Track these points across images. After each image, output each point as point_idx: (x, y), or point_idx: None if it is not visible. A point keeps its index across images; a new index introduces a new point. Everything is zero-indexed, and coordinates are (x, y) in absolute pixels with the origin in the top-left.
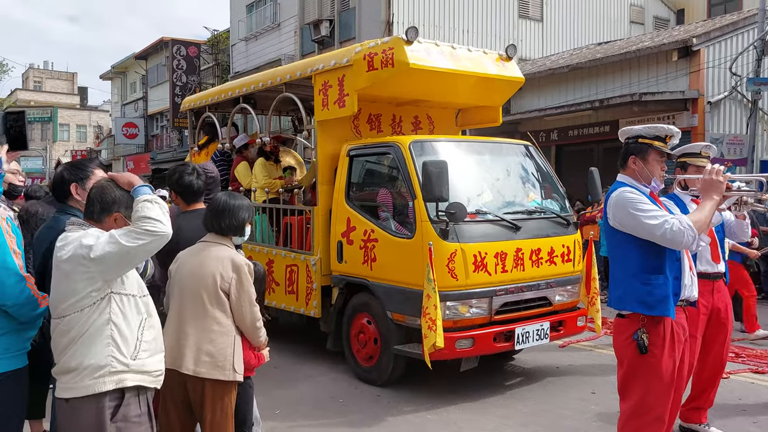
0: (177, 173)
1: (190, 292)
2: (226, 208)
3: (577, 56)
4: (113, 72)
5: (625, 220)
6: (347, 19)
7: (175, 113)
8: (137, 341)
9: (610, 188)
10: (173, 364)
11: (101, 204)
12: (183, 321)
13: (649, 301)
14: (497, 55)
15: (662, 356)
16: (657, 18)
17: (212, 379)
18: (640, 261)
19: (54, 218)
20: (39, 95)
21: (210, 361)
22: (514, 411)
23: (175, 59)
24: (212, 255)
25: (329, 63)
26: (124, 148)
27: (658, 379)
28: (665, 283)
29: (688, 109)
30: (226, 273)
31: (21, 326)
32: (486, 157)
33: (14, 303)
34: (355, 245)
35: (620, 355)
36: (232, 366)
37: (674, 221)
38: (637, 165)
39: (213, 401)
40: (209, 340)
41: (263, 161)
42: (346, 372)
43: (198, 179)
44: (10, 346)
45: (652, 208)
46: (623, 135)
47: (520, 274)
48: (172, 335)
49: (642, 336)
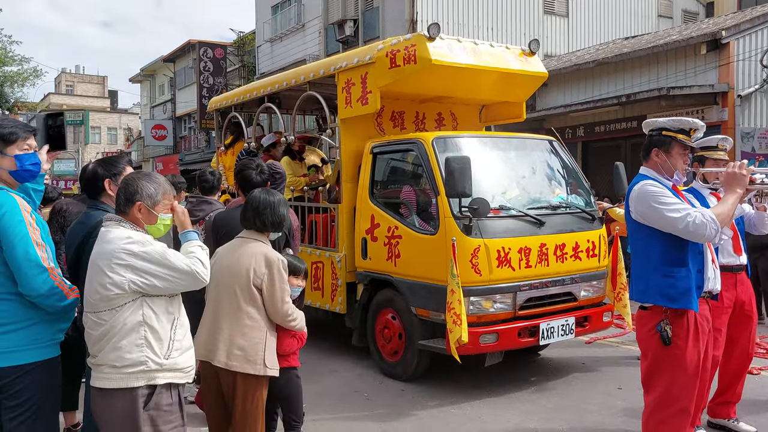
0: (240, 166)
1: (225, 287)
2: (268, 205)
3: (603, 51)
4: (142, 75)
5: (647, 213)
6: (371, 19)
7: (202, 114)
8: (170, 341)
9: (632, 181)
10: (207, 356)
11: (125, 195)
12: (218, 315)
13: (672, 294)
14: (520, 50)
15: (686, 347)
16: (686, 11)
17: (243, 373)
18: (662, 254)
19: (85, 214)
20: (71, 99)
21: (242, 355)
22: (538, 406)
23: (202, 61)
24: (247, 251)
25: (352, 61)
26: (153, 149)
27: (682, 370)
28: (688, 275)
29: (718, 103)
30: (259, 268)
31: (50, 317)
32: (509, 152)
33: (37, 294)
34: (379, 242)
35: (644, 347)
36: (263, 361)
37: (697, 214)
38: (660, 158)
39: (244, 395)
40: (241, 334)
41: (288, 160)
42: (371, 367)
43: (259, 175)
44: (40, 336)
45: (675, 201)
46: (647, 127)
47: (545, 270)
48: (207, 328)
49: (665, 327)
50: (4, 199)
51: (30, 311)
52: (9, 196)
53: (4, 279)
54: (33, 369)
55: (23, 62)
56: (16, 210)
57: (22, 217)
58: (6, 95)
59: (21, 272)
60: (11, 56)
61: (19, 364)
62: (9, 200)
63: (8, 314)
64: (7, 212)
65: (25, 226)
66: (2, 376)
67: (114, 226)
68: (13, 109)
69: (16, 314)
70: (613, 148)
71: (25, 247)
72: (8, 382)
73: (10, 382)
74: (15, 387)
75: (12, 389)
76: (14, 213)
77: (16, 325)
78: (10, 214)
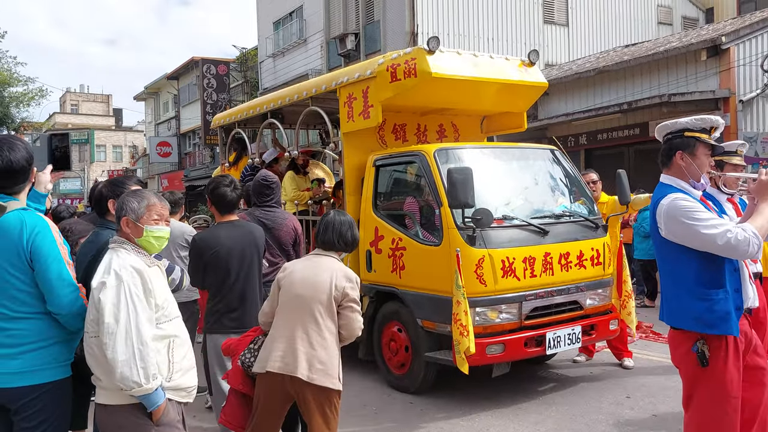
0: (213, 183)
1: (304, 300)
2: (352, 224)
3: (604, 59)
4: (146, 93)
5: (679, 231)
6: (372, 32)
7: (206, 131)
8: (170, 363)
9: (655, 193)
10: (285, 369)
11: (116, 213)
12: (296, 327)
13: (709, 319)
14: (519, 61)
15: (726, 368)
16: (685, 18)
17: (322, 387)
18: (696, 274)
19: (94, 233)
20: (76, 118)
21: (322, 369)
22: (547, 417)
23: (206, 78)
24: (325, 266)
25: (353, 76)
26: (158, 166)
27: (723, 392)
28: (726, 297)
29: (720, 109)
30: (340, 283)
31: (69, 337)
32: (511, 162)
33: (68, 312)
34: (383, 254)
35: (680, 369)
36: (338, 375)
37: (737, 230)
38: (685, 161)
39: (323, 408)
40: (323, 348)
41: (292, 174)
42: (378, 380)
43: (234, 191)
44: (57, 356)
45: (710, 216)
46: (662, 130)
47: (550, 279)
48: (285, 340)
49: (702, 348)
50: (35, 221)
51: (52, 330)
52: (39, 217)
53: (31, 299)
54: (50, 389)
55: (28, 83)
56: (48, 230)
57: (53, 237)
58: (12, 116)
59: (54, 291)
60: (16, 77)
61: (38, 383)
62: (40, 221)
63: (31, 333)
64: (40, 233)
65: (57, 246)
66: (21, 395)
67: (113, 251)
68: (19, 129)
69: (39, 334)
70: (616, 155)
71: (59, 267)
72: (26, 403)
73: (28, 402)
74: (33, 407)
75: (29, 410)
76: (47, 233)
77: (38, 344)
78: (42, 235)
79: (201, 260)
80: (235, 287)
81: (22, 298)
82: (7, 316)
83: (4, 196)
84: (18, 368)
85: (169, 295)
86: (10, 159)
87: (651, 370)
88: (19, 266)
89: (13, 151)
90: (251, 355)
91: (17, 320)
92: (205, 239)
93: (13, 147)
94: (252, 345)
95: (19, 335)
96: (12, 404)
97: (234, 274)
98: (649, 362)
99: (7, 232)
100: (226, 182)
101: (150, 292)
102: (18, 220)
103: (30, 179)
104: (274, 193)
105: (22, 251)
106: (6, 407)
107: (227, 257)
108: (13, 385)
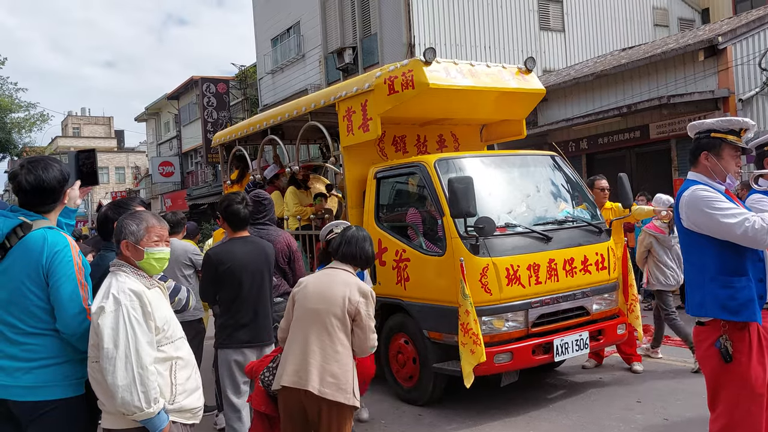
0: (226, 201)
1: (317, 313)
2: (371, 240)
3: (601, 63)
4: (147, 113)
5: (700, 220)
6: (370, 45)
7: (208, 149)
8: (172, 386)
9: (681, 187)
10: (298, 382)
11: (116, 237)
12: (309, 341)
13: (732, 306)
14: (516, 68)
15: (750, 363)
16: (682, 19)
17: (334, 401)
18: (719, 263)
19: (100, 255)
20: (78, 141)
21: (334, 383)
22: (558, 425)
23: (206, 97)
24: (340, 279)
25: (351, 89)
26: (161, 186)
27: (747, 389)
28: (748, 285)
29: (720, 108)
30: (354, 297)
31: (81, 356)
32: (512, 169)
33: (72, 333)
34: (387, 266)
35: (704, 366)
36: (353, 390)
37: (756, 219)
38: (710, 161)
39: (332, 424)
40: (335, 361)
41: (294, 189)
42: (387, 393)
43: (245, 208)
44: (70, 374)
45: (730, 206)
46: (693, 129)
47: (555, 285)
48: (298, 354)
49: (725, 343)
50: (57, 239)
51: (65, 348)
52: (62, 236)
53: (47, 315)
54: (62, 405)
55: (30, 108)
56: (68, 249)
57: (71, 257)
58: (14, 141)
59: (63, 311)
60: (18, 103)
61: (50, 399)
62: (62, 240)
63: (45, 349)
64: (60, 251)
65: (73, 266)
66: (33, 410)
67: (113, 275)
68: (21, 155)
69: (52, 350)
70: (618, 158)
71: (72, 288)
72: (37, 417)
73: (39, 417)
74: (43, 423)
75: (41, 425)
76: (66, 253)
77: (51, 360)
78: (62, 254)
79: (215, 275)
80: (248, 302)
81: (39, 314)
82: (24, 331)
83: (33, 214)
84: (31, 382)
85: (171, 316)
86: (41, 178)
87: (661, 374)
88: (37, 282)
89: (47, 171)
90: (270, 374)
91: (33, 335)
92: (219, 254)
93: (47, 167)
94: (271, 364)
95: (33, 350)
96: (25, 418)
97: (246, 288)
98: (657, 365)
99: (30, 248)
100: (238, 199)
101: (150, 314)
102: (41, 237)
103: (62, 201)
104: (267, 210)
105: (41, 268)
106: (19, 421)
107: (240, 272)
108: (26, 399)
